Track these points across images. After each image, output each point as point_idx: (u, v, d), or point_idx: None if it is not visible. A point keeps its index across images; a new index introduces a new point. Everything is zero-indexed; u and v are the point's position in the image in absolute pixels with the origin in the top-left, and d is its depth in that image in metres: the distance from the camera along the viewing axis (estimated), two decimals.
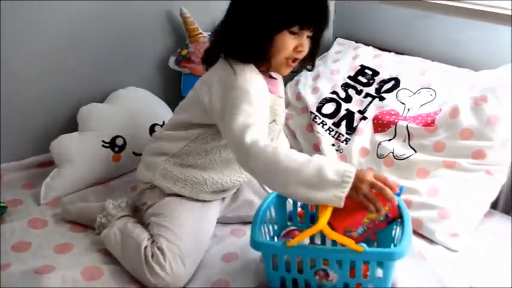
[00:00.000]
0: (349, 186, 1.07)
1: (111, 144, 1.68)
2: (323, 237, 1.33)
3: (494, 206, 1.51)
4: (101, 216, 1.42)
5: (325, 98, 1.87)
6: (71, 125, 1.73)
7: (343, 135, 1.74)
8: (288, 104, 1.97)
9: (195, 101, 1.35)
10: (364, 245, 1.08)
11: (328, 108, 1.83)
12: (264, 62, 1.31)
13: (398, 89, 1.77)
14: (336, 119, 1.80)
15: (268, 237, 1.28)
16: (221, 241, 1.42)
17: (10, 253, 1.36)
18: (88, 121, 1.69)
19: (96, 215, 1.43)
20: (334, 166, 1.10)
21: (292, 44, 1.28)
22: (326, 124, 1.80)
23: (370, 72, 1.89)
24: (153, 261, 1.24)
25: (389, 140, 1.63)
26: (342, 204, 1.07)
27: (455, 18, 1.81)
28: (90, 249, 1.38)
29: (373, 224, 1.14)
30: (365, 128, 1.71)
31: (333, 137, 1.76)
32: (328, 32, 2.30)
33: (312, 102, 1.88)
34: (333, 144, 1.75)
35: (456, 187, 1.44)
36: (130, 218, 1.40)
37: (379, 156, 1.61)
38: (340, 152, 1.71)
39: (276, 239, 1.32)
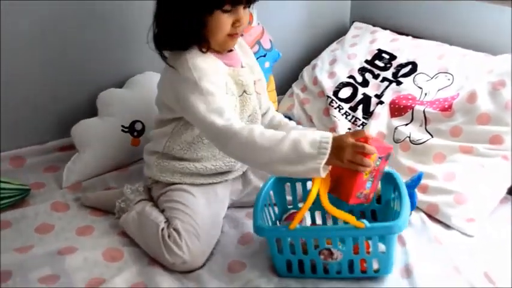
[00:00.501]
0: (326, 156, 1.07)
1: (130, 128, 1.70)
2: (324, 218, 1.37)
3: (510, 191, 1.50)
4: (120, 201, 1.45)
5: (341, 83, 1.87)
6: (91, 110, 1.76)
7: (359, 120, 1.75)
8: (305, 89, 1.98)
9: (159, 99, 1.41)
10: (364, 221, 1.10)
11: (345, 92, 1.84)
12: (205, 44, 1.31)
13: (415, 73, 1.77)
14: (352, 104, 1.80)
15: (270, 221, 1.31)
16: (237, 225, 1.44)
17: (34, 235, 1.41)
18: (107, 106, 1.72)
19: (115, 200, 1.46)
20: (310, 138, 1.09)
21: (228, 21, 1.28)
22: (343, 108, 1.80)
23: (387, 57, 1.89)
24: (170, 241, 1.27)
25: (406, 124, 1.63)
26: (323, 175, 1.09)
27: (474, 1, 1.79)
28: (111, 232, 1.41)
29: (375, 172, 1.15)
30: (382, 112, 1.71)
31: (349, 121, 1.77)
32: (345, 16, 2.30)
33: (329, 86, 1.88)
34: (349, 129, 1.75)
35: (473, 172, 1.44)
36: (147, 202, 1.43)
37: (396, 141, 1.62)
38: None
39: (278, 223, 1.34)
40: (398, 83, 1.77)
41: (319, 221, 1.38)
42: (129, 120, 1.70)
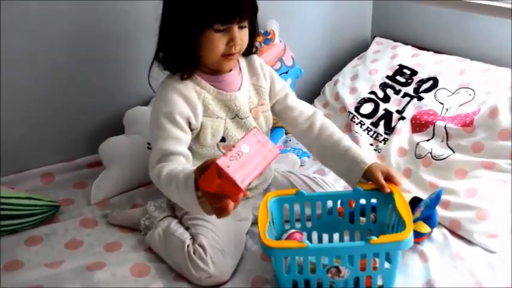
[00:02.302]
0: (193, 190, 1.07)
1: None
2: (320, 236, 1.38)
3: None
4: (144, 219, 1.48)
5: (363, 98, 1.89)
6: (119, 127, 1.81)
7: (381, 135, 1.76)
8: (327, 104, 2.00)
9: None
10: (373, 237, 1.12)
11: (367, 108, 1.85)
12: (199, 65, 1.34)
13: (436, 88, 1.78)
14: (374, 119, 1.82)
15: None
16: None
17: (64, 250, 1.45)
18: (133, 124, 1.76)
19: (140, 218, 1.49)
20: (183, 177, 1.12)
21: (221, 41, 1.28)
22: (364, 124, 1.82)
23: (408, 72, 1.90)
24: (196, 257, 1.29)
25: (428, 140, 1.64)
26: (202, 212, 1.08)
27: (495, 17, 1.80)
28: (138, 248, 1.45)
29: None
30: (403, 128, 1.72)
31: (371, 136, 1.78)
32: (366, 31, 2.32)
33: (350, 102, 1.90)
34: (371, 144, 1.77)
35: (495, 188, 1.44)
36: (172, 219, 1.46)
37: (417, 157, 1.63)
38: (379, 152, 1.73)
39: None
40: (420, 99, 1.78)
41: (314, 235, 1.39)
42: None
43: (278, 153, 1.07)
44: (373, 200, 1.32)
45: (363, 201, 1.33)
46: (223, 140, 1.39)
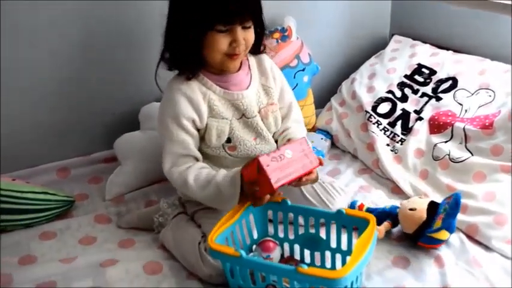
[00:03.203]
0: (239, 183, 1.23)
1: None
2: (302, 251, 1.33)
3: None
4: (157, 216, 1.49)
5: (380, 98, 1.86)
6: (135, 122, 1.81)
7: (398, 136, 1.74)
8: (343, 103, 1.98)
9: None
10: (305, 266, 1.04)
11: (384, 107, 1.83)
12: (205, 65, 1.35)
13: (455, 89, 1.75)
14: (391, 119, 1.79)
15: (242, 244, 1.29)
16: None
17: (77, 246, 1.46)
18: (149, 120, 1.76)
19: (153, 216, 1.49)
20: (227, 183, 1.26)
21: (224, 41, 1.28)
22: (381, 124, 1.80)
23: (427, 71, 1.87)
24: (207, 253, 1.29)
25: (446, 141, 1.62)
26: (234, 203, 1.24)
27: None
28: (151, 245, 1.45)
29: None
30: (421, 128, 1.70)
31: (388, 137, 1.76)
32: (385, 29, 2.29)
33: (367, 101, 1.88)
34: (388, 144, 1.74)
35: None
36: (184, 216, 1.46)
37: (435, 158, 1.60)
38: (395, 153, 1.71)
39: (254, 247, 1.32)
40: (438, 99, 1.75)
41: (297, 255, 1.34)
42: None
43: (317, 165, 1.21)
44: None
45: None
46: (228, 140, 1.39)
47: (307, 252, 1.32)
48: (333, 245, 1.27)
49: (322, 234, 1.28)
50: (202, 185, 1.30)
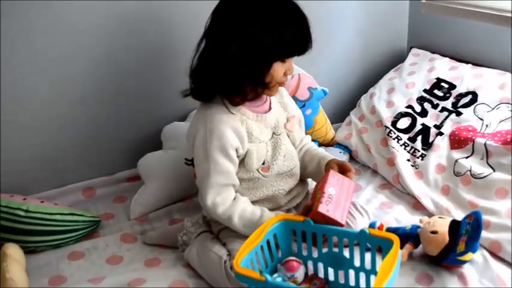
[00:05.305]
0: None
1: (193, 161, 1.76)
2: (326, 270, 1.33)
3: None
4: (181, 235, 1.51)
5: (400, 113, 1.87)
6: (158, 140, 1.84)
7: (418, 151, 1.74)
8: (362, 117, 1.99)
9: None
10: None
11: (403, 122, 1.83)
12: (253, 92, 1.37)
13: (476, 103, 1.75)
14: (411, 134, 1.80)
15: (266, 263, 1.31)
16: None
17: (105, 265, 1.49)
18: (171, 139, 1.79)
19: (177, 235, 1.52)
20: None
21: (282, 70, 1.34)
22: (401, 139, 1.80)
23: (446, 86, 1.87)
24: (233, 272, 1.30)
25: (467, 157, 1.62)
26: None
27: None
28: (177, 264, 1.47)
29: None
30: (441, 144, 1.70)
31: (408, 152, 1.76)
32: (403, 42, 2.30)
33: (387, 116, 1.88)
34: (408, 160, 1.75)
35: None
36: (209, 235, 1.48)
37: (456, 174, 1.60)
38: (416, 168, 1.71)
39: (278, 266, 1.33)
40: (458, 114, 1.75)
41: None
42: (192, 153, 1.76)
43: (356, 184, 1.40)
44: None
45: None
46: (263, 162, 1.42)
47: (330, 271, 1.33)
48: (357, 263, 1.28)
49: (346, 254, 1.29)
50: (246, 224, 1.36)
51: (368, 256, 1.26)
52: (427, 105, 1.85)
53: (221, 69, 1.30)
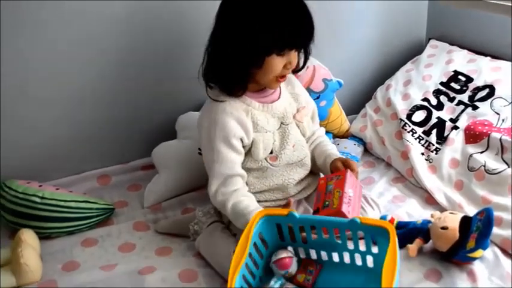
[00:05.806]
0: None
1: None
2: (319, 253, 1.33)
3: None
4: (193, 224, 1.53)
5: (415, 105, 1.85)
6: (172, 130, 1.86)
7: (433, 145, 1.72)
8: (378, 110, 1.98)
9: None
10: None
11: (419, 116, 1.82)
12: (252, 84, 1.38)
13: (493, 97, 1.72)
14: (426, 127, 1.78)
15: (257, 263, 1.28)
16: None
17: (117, 253, 1.52)
18: (185, 129, 1.81)
19: (188, 224, 1.53)
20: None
21: (281, 63, 1.33)
22: (416, 132, 1.78)
23: (463, 79, 1.85)
24: None
25: (481, 152, 1.60)
26: None
27: None
28: (187, 253, 1.49)
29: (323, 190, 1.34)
30: (456, 138, 1.68)
31: (422, 145, 1.75)
32: (421, 33, 2.27)
33: (402, 109, 1.87)
34: (422, 153, 1.73)
35: None
36: (219, 224, 1.50)
37: (470, 169, 1.59)
38: (430, 162, 1.70)
39: (271, 265, 1.30)
40: (475, 108, 1.73)
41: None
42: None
43: (361, 186, 1.41)
44: None
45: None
46: (270, 151, 1.43)
47: (324, 253, 1.31)
48: (350, 247, 1.27)
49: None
50: (235, 217, 1.36)
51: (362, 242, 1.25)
52: (443, 98, 1.83)
53: (219, 60, 1.34)
